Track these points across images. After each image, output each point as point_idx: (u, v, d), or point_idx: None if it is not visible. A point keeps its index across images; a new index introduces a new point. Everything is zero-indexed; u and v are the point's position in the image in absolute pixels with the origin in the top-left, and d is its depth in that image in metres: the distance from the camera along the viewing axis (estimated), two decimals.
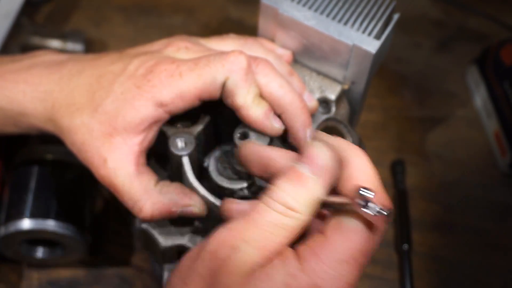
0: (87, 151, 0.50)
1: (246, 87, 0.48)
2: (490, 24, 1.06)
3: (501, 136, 0.88)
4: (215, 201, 0.49)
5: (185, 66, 0.49)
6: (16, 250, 0.71)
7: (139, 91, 0.48)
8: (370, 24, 0.54)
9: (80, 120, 0.50)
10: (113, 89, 0.50)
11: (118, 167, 0.49)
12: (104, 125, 0.49)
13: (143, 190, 0.50)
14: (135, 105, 0.48)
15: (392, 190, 0.86)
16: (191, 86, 0.48)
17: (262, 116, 0.49)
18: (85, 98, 0.51)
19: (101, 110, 0.50)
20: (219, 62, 0.48)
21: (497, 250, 0.81)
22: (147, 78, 0.48)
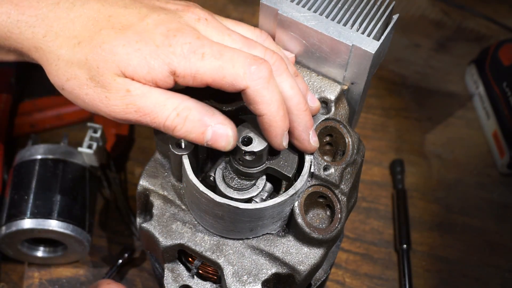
0: (96, 86, 0.48)
1: (268, 95, 0.47)
2: (488, 25, 1.07)
3: (499, 136, 0.88)
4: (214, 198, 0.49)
5: (210, 50, 0.47)
6: (17, 249, 0.72)
7: (157, 51, 0.47)
8: (369, 24, 0.54)
9: (83, 55, 0.48)
10: (127, 34, 0.47)
11: (146, 91, 0.47)
12: (110, 65, 0.47)
13: (180, 96, 0.48)
14: (150, 62, 0.47)
15: (391, 189, 0.86)
16: (208, 73, 0.47)
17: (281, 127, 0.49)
18: (89, 33, 0.48)
19: (107, 49, 0.47)
20: (242, 68, 0.47)
21: (496, 249, 0.81)
22: (169, 41, 0.47)
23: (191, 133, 0.48)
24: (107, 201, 0.81)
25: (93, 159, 0.75)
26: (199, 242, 0.53)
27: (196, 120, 0.48)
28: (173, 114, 0.47)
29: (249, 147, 0.50)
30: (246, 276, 0.52)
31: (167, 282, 0.57)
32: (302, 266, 0.52)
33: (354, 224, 0.82)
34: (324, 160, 0.53)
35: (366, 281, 0.78)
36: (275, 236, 0.53)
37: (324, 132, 0.56)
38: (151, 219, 0.55)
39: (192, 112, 0.47)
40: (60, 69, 0.49)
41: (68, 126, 0.87)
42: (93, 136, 0.75)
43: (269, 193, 0.54)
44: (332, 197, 0.52)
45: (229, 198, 0.51)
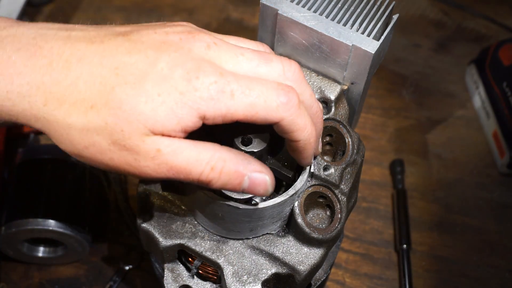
0: (122, 150, 0.44)
1: (302, 123, 0.46)
2: (488, 25, 1.07)
3: (499, 136, 0.88)
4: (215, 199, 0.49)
5: (237, 86, 0.44)
6: (18, 249, 0.72)
7: (183, 99, 0.43)
8: (369, 24, 0.54)
9: (101, 120, 0.43)
10: (145, 88, 0.43)
11: (176, 147, 0.44)
12: (136, 125, 0.43)
13: (212, 148, 0.45)
14: (178, 113, 0.43)
15: (391, 189, 0.86)
16: (240, 111, 0.44)
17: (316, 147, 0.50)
18: (100, 93, 0.43)
19: (128, 109, 0.43)
20: (274, 102, 0.44)
21: (496, 249, 0.81)
22: (193, 85, 0.43)
23: (227, 184, 0.45)
24: (107, 201, 0.81)
25: None
26: (199, 242, 0.53)
27: (232, 172, 0.45)
28: (207, 168, 0.44)
29: (249, 147, 0.50)
30: (246, 276, 0.52)
31: (167, 282, 0.57)
32: (302, 266, 0.52)
33: (354, 224, 0.82)
34: (324, 160, 0.53)
35: (366, 281, 0.78)
36: (275, 236, 0.53)
37: (324, 132, 0.56)
38: (151, 219, 0.55)
39: (227, 164, 0.45)
40: (74, 138, 0.44)
41: None
42: None
43: None
44: (332, 197, 0.53)
45: (229, 198, 0.51)
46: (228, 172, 0.45)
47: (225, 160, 0.45)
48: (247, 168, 0.45)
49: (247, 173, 0.45)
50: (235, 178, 0.45)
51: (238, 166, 0.45)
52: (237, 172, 0.45)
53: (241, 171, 0.45)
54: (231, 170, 0.45)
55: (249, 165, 0.46)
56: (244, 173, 0.45)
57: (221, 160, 0.45)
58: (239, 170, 0.45)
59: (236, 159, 0.45)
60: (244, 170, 0.45)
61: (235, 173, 0.45)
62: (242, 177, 0.45)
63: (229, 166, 0.45)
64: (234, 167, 0.45)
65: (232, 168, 0.45)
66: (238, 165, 0.45)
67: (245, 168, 0.45)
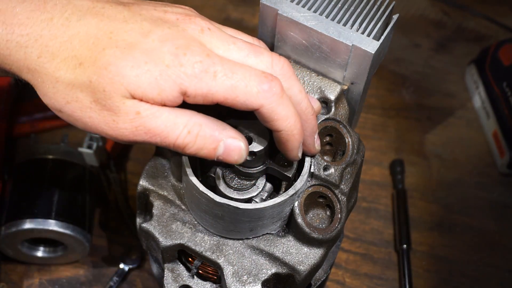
0: (102, 109, 0.46)
1: (284, 113, 0.47)
2: (488, 25, 1.07)
3: (499, 136, 0.88)
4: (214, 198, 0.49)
5: (221, 68, 0.46)
6: (17, 249, 0.72)
7: (168, 71, 0.45)
8: (369, 24, 0.54)
9: (86, 77, 0.45)
10: (134, 55, 0.45)
11: (155, 111, 0.46)
12: (118, 87, 0.45)
13: (189, 113, 0.47)
14: (160, 84, 0.45)
15: (391, 189, 0.86)
16: (221, 92, 0.46)
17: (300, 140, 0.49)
18: (90, 52, 0.45)
19: (114, 71, 0.45)
20: (255, 87, 0.45)
21: (496, 249, 0.81)
22: (179, 60, 0.45)
23: (202, 149, 0.47)
24: (107, 201, 0.81)
25: (93, 159, 0.75)
26: (199, 242, 0.53)
27: (207, 136, 0.46)
28: (184, 132, 0.46)
29: (249, 147, 0.50)
30: (246, 276, 0.52)
31: (167, 282, 0.57)
32: (302, 266, 0.52)
33: (354, 224, 0.82)
34: (324, 160, 0.53)
35: (366, 281, 0.78)
36: (275, 236, 0.53)
37: (324, 132, 0.56)
38: (151, 219, 0.55)
39: (203, 128, 0.46)
40: (58, 91, 0.47)
41: (68, 126, 0.87)
42: (93, 136, 0.75)
43: (269, 193, 0.54)
44: (332, 197, 0.53)
45: (229, 198, 0.51)
46: (204, 136, 0.46)
47: (201, 124, 0.46)
48: (223, 133, 0.47)
49: (223, 138, 0.47)
50: (210, 143, 0.47)
51: (213, 131, 0.47)
52: (213, 137, 0.47)
53: (217, 136, 0.47)
54: (206, 134, 0.46)
55: (225, 131, 0.47)
56: (220, 138, 0.47)
57: (197, 124, 0.46)
58: (214, 134, 0.47)
59: (212, 124, 0.47)
60: (219, 135, 0.47)
61: (210, 137, 0.47)
62: (218, 142, 0.47)
63: (205, 130, 0.46)
64: (210, 132, 0.47)
65: (207, 132, 0.46)
66: (214, 130, 0.47)
67: (221, 133, 0.47)
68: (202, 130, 0.46)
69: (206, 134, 0.46)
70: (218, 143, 0.47)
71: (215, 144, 0.47)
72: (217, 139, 0.47)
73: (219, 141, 0.47)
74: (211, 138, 0.47)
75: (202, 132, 0.46)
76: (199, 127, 0.46)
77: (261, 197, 0.53)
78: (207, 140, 0.47)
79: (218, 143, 0.47)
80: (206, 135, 0.46)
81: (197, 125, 0.46)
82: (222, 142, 0.47)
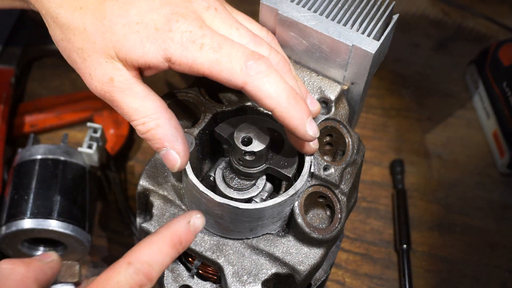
0: (85, 59, 0.48)
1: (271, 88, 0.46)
2: (488, 25, 1.07)
3: (499, 136, 0.88)
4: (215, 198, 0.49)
5: (209, 41, 0.46)
6: (17, 249, 0.72)
7: (155, 34, 0.46)
8: (369, 24, 0.54)
9: (82, 23, 0.47)
10: (129, 13, 0.46)
11: (127, 86, 0.47)
12: (107, 43, 0.47)
13: (154, 110, 0.48)
14: (145, 46, 0.46)
15: (391, 189, 0.86)
16: (205, 65, 0.46)
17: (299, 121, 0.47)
18: (91, 0, 0.47)
19: (107, 25, 0.47)
20: (238, 64, 0.45)
21: (496, 249, 0.81)
22: (170, 25, 0.46)
23: (148, 140, 0.49)
24: (107, 201, 0.81)
25: (93, 159, 0.75)
26: (199, 242, 0.53)
27: (156, 137, 0.49)
28: (140, 121, 0.48)
29: (249, 147, 0.50)
30: (246, 276, 0.52)
31: (167, 282, 0.57)
32: (302, 266, 0.52)
33: (354, 224, 0.82)
34: (324, 160, 0.53)
35: (366, 281, 0.78)
36: (275, 236, 0.53)
37: (324, 132, 0.56)
38: (151, 219, 0.55)
39: (158, 130, 0.48)
40: (56, 26, 0.49)
41: (68, 126, 0.87)
42: (93, 136, 0.75)
43: (269, 193, 0.54)
44: (332, 197, 0.53)
45: (229, 198, 0.51)
46: (154, 135, 0.48)
47: (158, 126, 0.48)
48: (171, 143, 0.49)
49: (167, 147, 0.49)
50: (155, 143, 0.49)
51: (165, 137, 0.49)
52: (161, 140, 0.49)
53: (164, 142, 0.49)
54: (156, 136, 0.48)
55: (175, 142, 0.49)
56: (166, 145, 0.49)
57: (155, 123, 0.48)
58: (163, 141, 0.49)
59: (168, 130, 0.49)
60: (167, 143, 0.49)
61: (159, 139, 0.49)
62: (162, 147, 0.49)
63: (157, 132, 0.48)
64: (161, 136, 0.48)
65: (158, 135, 0.48)
66: (166, 137, 0.49)
67: (170, 143, 0.49)
68: (155, 130, 0.48)
69: (156, 136, 0.49)
70: (162, 148, 0.49)
71: (158, 146, 0.49)
72: (163, 145, 0.49)
73: (163, 147, 0.49)
74: (158, 141, 0.49)
75: (154, 131, 0.48)
76: (156, 126, 0.48)
77: (261, 197, 0.53)
78: (155, 140, 0.49)
79: (162, 147, 0.49)
80: (156, 136, 0.49)
81: (155, 124, 0.48)
82: (165, 149, 0.49)
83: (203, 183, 0.51)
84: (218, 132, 0.54)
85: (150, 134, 0.49)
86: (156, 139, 0.49)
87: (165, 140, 0.49)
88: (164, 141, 0.49)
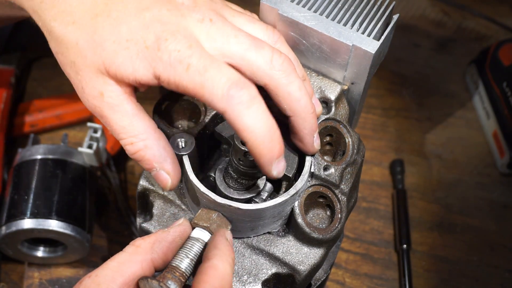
0: (78, 73, 0.48)
1: (248, 122, 0.45)
2: (488, 25, 1.07)
3: (499, 136, 0.88)
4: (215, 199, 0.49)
5: (196, 62, 0.45)
6: (17, 249, 0.72)
7: (145, 53, 0.45)
8: (369, 24, 0.54)
9: (74, 38, 0.47)
10: (120, 29, 0.46)
11: (116, 103, 0.48)
12: (97, 59, 0.47)
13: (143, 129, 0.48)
14: (135, 64, 0.46)
15: (391, 189, 0.86)
16: (190, 86, 0.46)
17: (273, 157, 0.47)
18: (85, 14, 0.47)
19: (98, 41, 0.47)
20: (220, 90, 0.44)
21: (496, 249, 0.81)
22: (159, 44, 0.45)
23: (137, 161, 0.50)
24: (107, 201, 0.81)
25: (93, 159, 0.75)
26: None
27: (145, 159, 0.49)
28: (128, 141, 0.49)
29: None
30: (246, 276, 0.52)
31: None
32: (302, 266, 0.52)
33: (354, 224, 0.82)
34: (324, 160, 0.53)
35: (366, 281, 0.78)
36: (275, 236, 0.53)
37: (324, 132, 0.56)
38: (151, 219, 0.55)
39: (147, 151, 0.49)
40: (51, 40, 0.49)
41: (68, 126, 0.87)
42: (93, 136, 0.75)
43: (269, 193, 0.54)
44: (332, 197, 0.52)
45: (229, 198, 0.51)
46: (143, 156, 0.49)
47: (146, 147, 0.48)
48: (160, 164, 0.49)
49: (157, 167, 0.49)
50: (145, 164, 0.49)
51: (154, 158, 0.49)
52: (150, 161, 0.49)
53: (153, 163, 0.49)
54: (145, 156, 0.49)
55: (164, 163, 0.49)
56: (155, 166, 0.49)
57: (143, 144, 0.48)
58: (151, 162, 0.49)
59: (157, 151, 0.49)
60: (156, 164, 0.49)
61: (147, 160, 0.49)
62: (152, 167, 0.49)
63: (146, 153, 0.49)
64: (149, 157, 0.49)
65: (146, 156, 0.49)
66: (154, 158, 0.49)
67: (159, 163, 0.49)
68: (144, 151, 0.49)
69: (145, 157, 0.49)
70: (152, 168, 0.50)
71: (149, 166, 0.50)
72: (152, 166, 0.49)
73: (153, 168, 0.49)
74: (147, 162, 0.49)
75: (143, 152, 0.49)
76: (144, 148, 0.49)
77: (262, 197, 0.53)
78: (144, 161, 0.49)
79: (151, 168, 0.50)
80: (145, 157, 0.49)
81: (143, 145, 0.49)
82: (155, 170, 0.49)
83: (203, 183, 0.51)
84: (218, 132, 0.54)
85: (138, 155, 0.49)
86: (145, 160, 0.49)
87: (153, 161, 0.49)
88: (153, 162, 0.49)
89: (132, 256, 0.46)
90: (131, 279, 0.45)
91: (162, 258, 0.47)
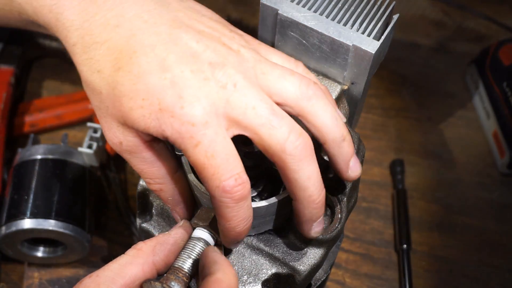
0: (101, 117, 0.49)
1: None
2: (488, 25, 1.07)
3: (499, 136, 0.88)
4: None
5: (207, 143, 0.43)
6: (17, 249, 0.72)
7: (158, 114, 0.44)
8: (369, 24, 0.54)
9: (99, 86, 0.47)
10: (138, 86, 0.45)
11: (134, 152, 0.48)
12: (117, 112, 0.46)
13: (160, 175, 0.50)
14: (147, 122, 0.45)
15: (391, 189, 0.86)
16: (196, 163, 0.44)
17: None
18: (110, 64, 0.47)
19: (118, 95, 0.46)
20: (216, 182, 0.44)
21: (496, 249, 0.81)
22: (173, 111, 0.44)
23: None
24: (107, 201, 0.81)
25: (93, 159, 0.75)
26: None
27: (161, 197, 0.52)
28: (146, 181, 0.51)
29: (249, 147, 0.50)
30: (246, 276, 0.52)
31: None
32: (302, 266, 0.52)
33: (354, 224, 0.82)
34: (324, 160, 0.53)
35: (366, 281, 0.78)
36: (275, 236, 0.53)
37: None
38: (151, 219, 0.55)
39: (161, 193, 0.51)
40: (82, 81, 0.50)
41: (68, 126, 0.87)
42: (93, 136, 0.75)
43: (269, 192, 0.54)
44: (332, 197, 0.52)
45: None
46: (159, 195, 0.52)
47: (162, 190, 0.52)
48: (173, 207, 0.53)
49: (170, 207, 0.53)
50: (160, 199, 0.53)
51: (168, 201, 0.52)
52: (164, 202, 0.53)
53: (167, 204, 0.53)
54: (160, 196, 0.52)
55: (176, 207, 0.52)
56: (168, 205, 0.53)
57: (159, 187, 0.51)
58: (166, 202, 0.52)
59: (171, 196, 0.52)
60: (169, 205, 0.53)
61: (162, 199, 0.52)
62: (166, 204, 0.53)
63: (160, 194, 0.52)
64: (163, 198, 0.52)
65: (161, 197, 0.52)
66: (168, 201, 0.52)
67: (172, 206, 0.53)
68: (158, 192, 0.51)
69: (161, 196, 0.52)
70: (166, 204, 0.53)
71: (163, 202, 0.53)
72: (166, 203, 0.52)
73: (167, 205, 0.53)
74: (163, 200, 0.52)
75: (158, 193, 0.51)
76: (159, 189, 0.51)
77: (262, 197, 0.53)
78: (160, 198, 0.52)
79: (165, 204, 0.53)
80: (160, 196, 0.52)
81: (158, 186, 0.51)
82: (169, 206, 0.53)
83: None
84: None
85: (155, 192, 0.52)
86: (161, 198, 0.52)
87: (167, 202, 0.52)
88: (167, 203, 0.52)
89: (134, 258, 0.46)
90: (132, 281, 0.45)
91: (164, 260, 0.47)
